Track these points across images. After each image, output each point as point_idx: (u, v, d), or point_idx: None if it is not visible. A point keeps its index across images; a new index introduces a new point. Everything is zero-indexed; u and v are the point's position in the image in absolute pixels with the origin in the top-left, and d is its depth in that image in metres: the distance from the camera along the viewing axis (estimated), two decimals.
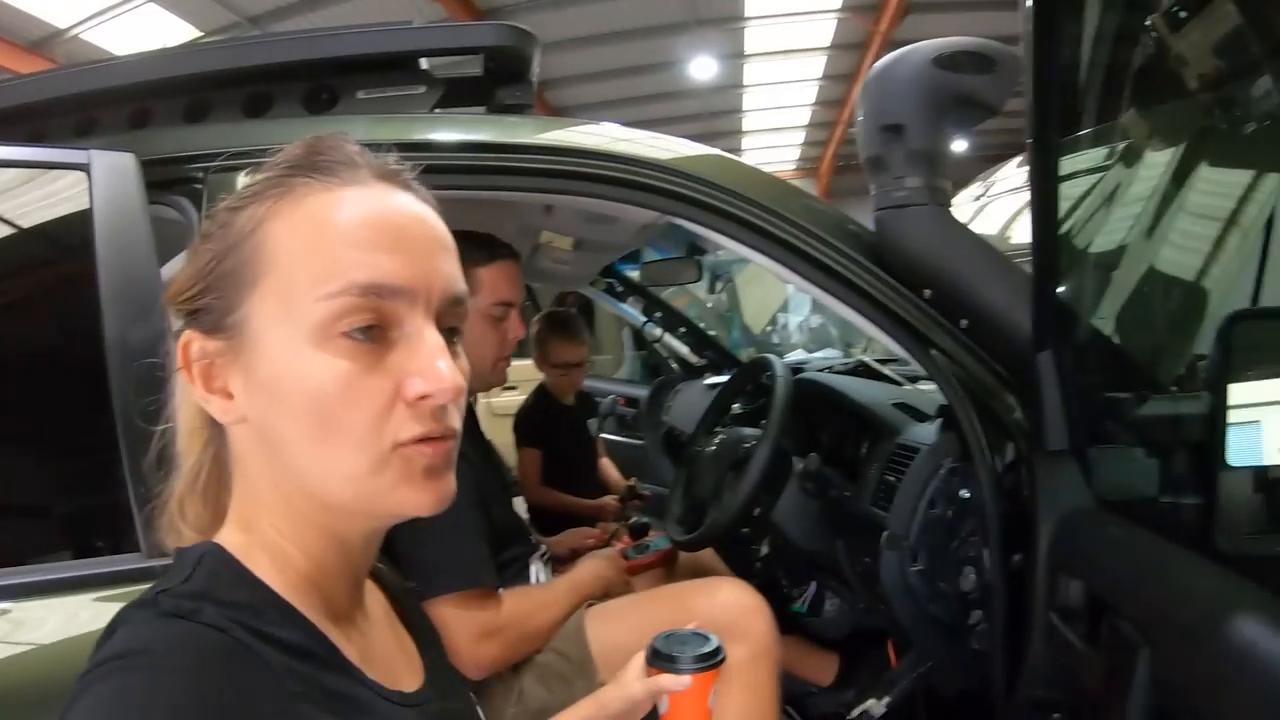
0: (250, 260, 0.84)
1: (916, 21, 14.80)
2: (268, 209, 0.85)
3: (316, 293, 0.81)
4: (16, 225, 1.81)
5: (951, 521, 1.90)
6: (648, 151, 1.96)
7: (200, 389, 0.87)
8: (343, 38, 2.10)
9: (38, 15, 12.59)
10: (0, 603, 1.54)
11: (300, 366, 0.82)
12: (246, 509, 0.90)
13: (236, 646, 0.76)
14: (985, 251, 1.83)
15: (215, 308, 0.86)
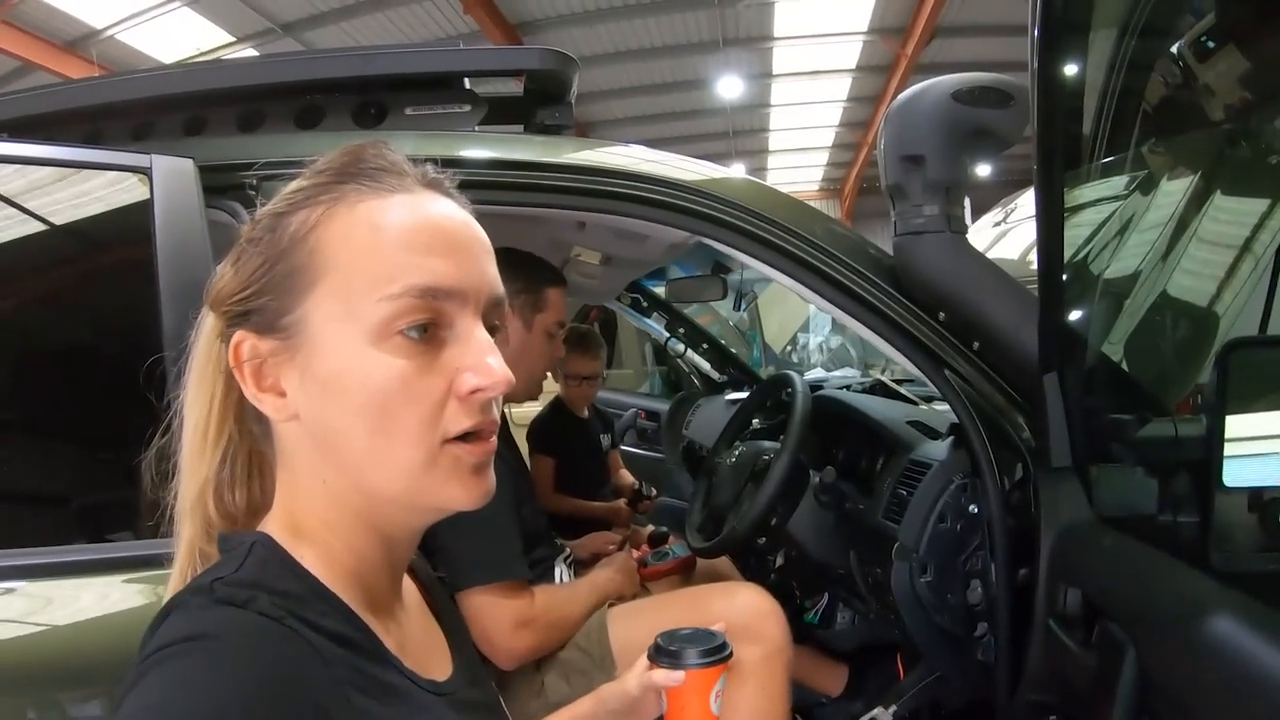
0: (306, 263, 0.88)
1: (942, 45, 14.83)
2: (320, 214, 0.89)
3: (377, 294, 0.85)
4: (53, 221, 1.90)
5: (960, 535, 1.96)
6: (678, 173, 2.03)
7: (252, 387, 0.90)
8: (395, 56, 2.20)
9: (75, 15, 12.75)
10: (83, 577, 1.63)
11: (360, 364, 0.86)
12: (292, 502, 0.94)
13: (291, 634, 0.78)
14: (997, 277, 1.91)
15: (269, 309, 0.89)
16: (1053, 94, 1.44)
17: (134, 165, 1.74)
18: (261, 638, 0.77)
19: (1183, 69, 1.76)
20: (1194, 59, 1.74)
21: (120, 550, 1.70)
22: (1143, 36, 1.70)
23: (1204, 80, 1.76)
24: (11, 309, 1.93)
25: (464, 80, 2.18)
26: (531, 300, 2.45)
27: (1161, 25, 1.71)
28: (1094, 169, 1.84)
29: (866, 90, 17.72)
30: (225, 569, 0.85)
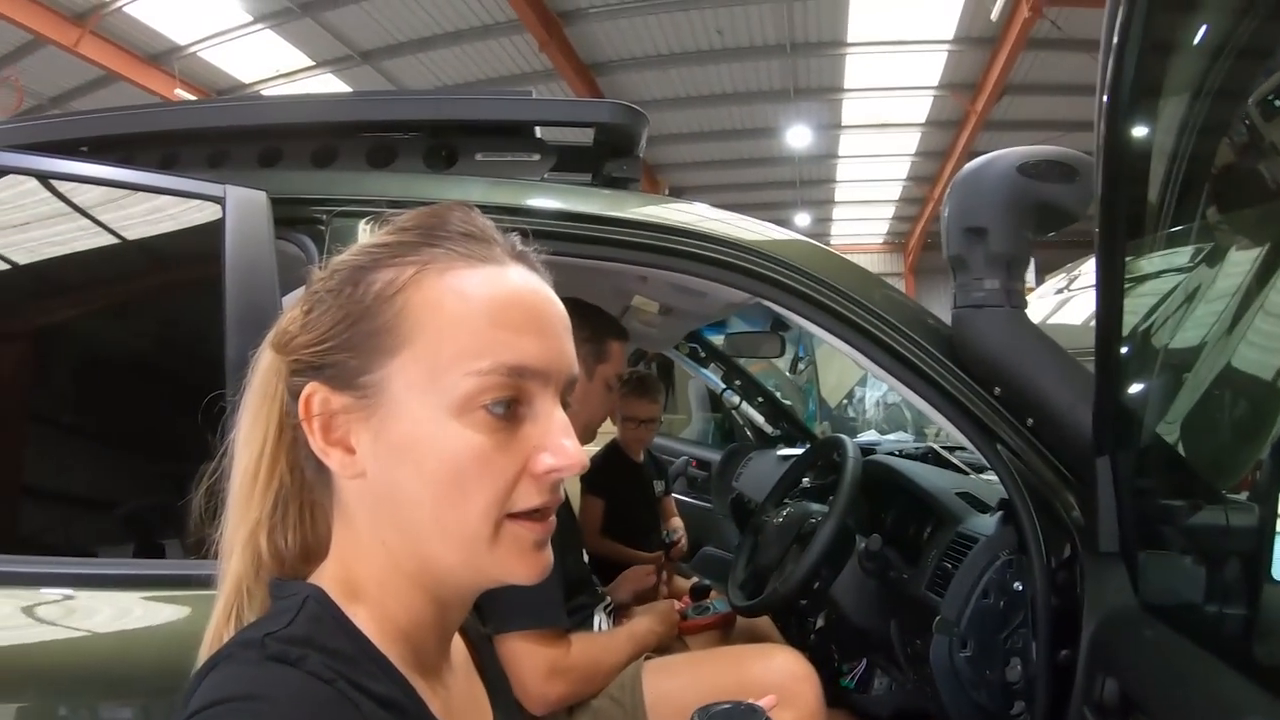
0: (392, 326, 0.87)
1: (1013, 102, 14.86)
2: (410, 277, 0.88)
3: (465, 368, 0.85)
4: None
5: (1003, 612, 1.94)
6: (739, 233, 2.05)
7: (320, 440, 0.89)
8: (468, 102, 2.23)
9: (160, 30, 13.13)
10: (133, 591, 1.66)
11: (440, 435, 0.85)
12: (349, 557, 0.93)
13: (340, 699, 0.78)
14: (1055, 354, 1.89)
15: (348, 366, 0.88)
16: (1119, 162, 1.42)
17: (210, 195, 1.79)
18: (311, 704, 0.77)
19: (1250, 129, 1.72)
20: (1261, 119, 1.70)
21: (166, 567, 1.74)
22: (1214, 99, 1.66)
23: (1271, 141, 1.72)
24: (79, 318, 1.99)
25: (534, 129, 2.21)
26: (595, 350, 2.48)
27: (1234, 87, 1.67)
28: (1158, 239, 1.81)
29: (935, 145, 17.73)
30: (277, 623, 0.84)
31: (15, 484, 1.89)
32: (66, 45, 12.62)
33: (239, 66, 14.53)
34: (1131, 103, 1.38)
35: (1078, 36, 12.06)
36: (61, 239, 1.94)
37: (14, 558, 1.70)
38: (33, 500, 1.92)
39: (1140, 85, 1.37)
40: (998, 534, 2.04)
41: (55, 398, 1.97)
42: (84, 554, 1.82)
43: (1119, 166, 1.42)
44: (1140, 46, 1.32)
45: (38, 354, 1.96)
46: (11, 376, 1.93)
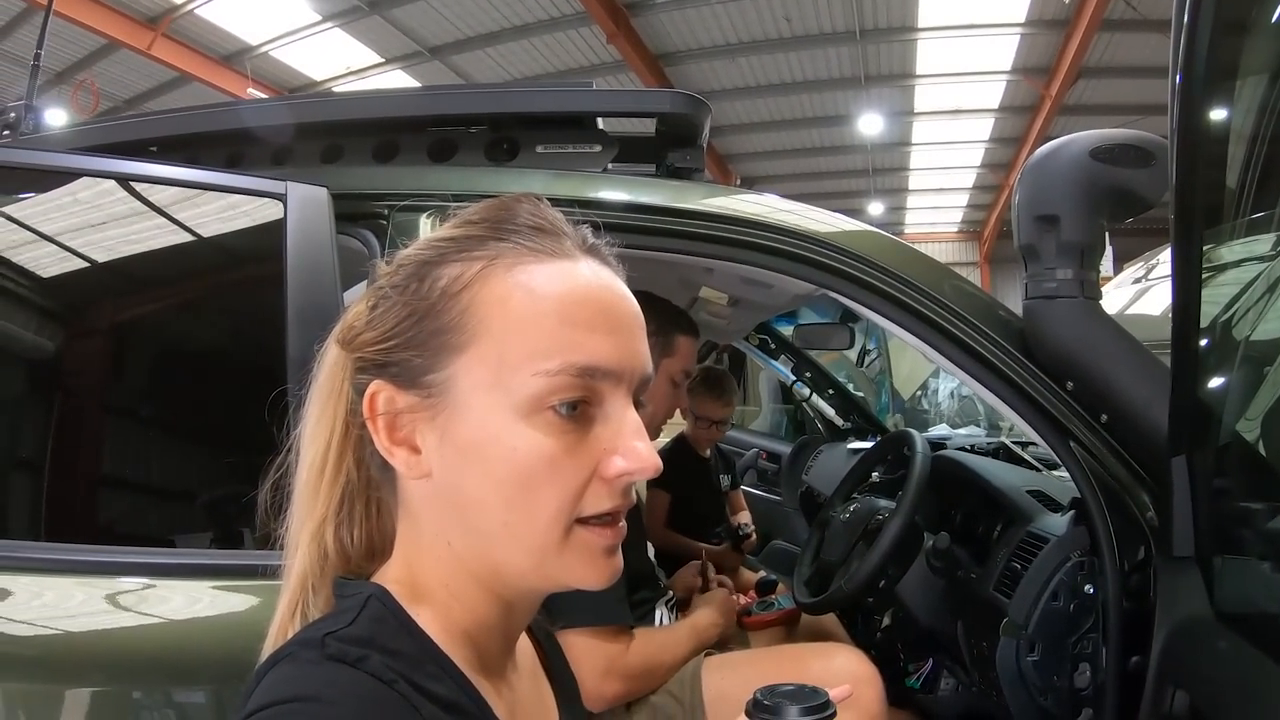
0: (458, 323, 0.85)
1: (1088, 86, 14.66)
2: (476, 273, 0.86)
3: (533, 368, 0.82)
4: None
5: (1072, 616, 1.89)
6: (806, 224, 2.02)
7: (384, 440, 0.87)
8: (529, 95, 2.24)
9: (232, 31, 13.48)
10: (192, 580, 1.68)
11: (508, 437, 0.83)
12: (413, 557, 0.91)
13: (399, 701, 0.77)
14: (1130, 347, 1.82)
15: (413, 364, 0.86)
16: (1194, 146, 1.36)
17: (271, 191, 1.81)
18: (371, 706, 0.76)
19: None
20: None
21: (233, 558, 1.74)
22: None
23: None
24: (148, 315, 2.03)
25: (596, 120, 2.19)
26: (661, 344, 2.46)
27: None
28: (1238, 226, 1.73)
29: (1009, 131, 17.50)
30: (338, 622, 0.82)
31: (91, 477, 1.93)
32: (140, 48, 13.00)
33: (310, 65, 14.79)
34: (1207, 84, 1.31)
35: (1154, 17, 11.86)
36: (131, 238, 1.98)
37: (94, 548, 1.73)
38: (106, 492, 1.97)
39: (1215, 65, 1.30)
40: (1069, 534, 1.98)
41: (124, 392, 2.01)
42: (158, 544, 1.85)
43: (1195, 151, 1.36)
44: (1214, 24, 1.25)
45: (109, 349, 2.00)
46: (86, 371, 1.97)
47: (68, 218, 1.94)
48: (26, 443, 1.94)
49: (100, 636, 1.66)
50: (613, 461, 0.86)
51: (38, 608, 1.64)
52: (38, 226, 1.93)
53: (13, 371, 1.98)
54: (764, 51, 14.56)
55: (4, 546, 1.73)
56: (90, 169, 1.91)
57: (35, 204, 1.96)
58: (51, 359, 1.97)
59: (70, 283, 1.95)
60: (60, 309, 2.00)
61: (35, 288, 1.93)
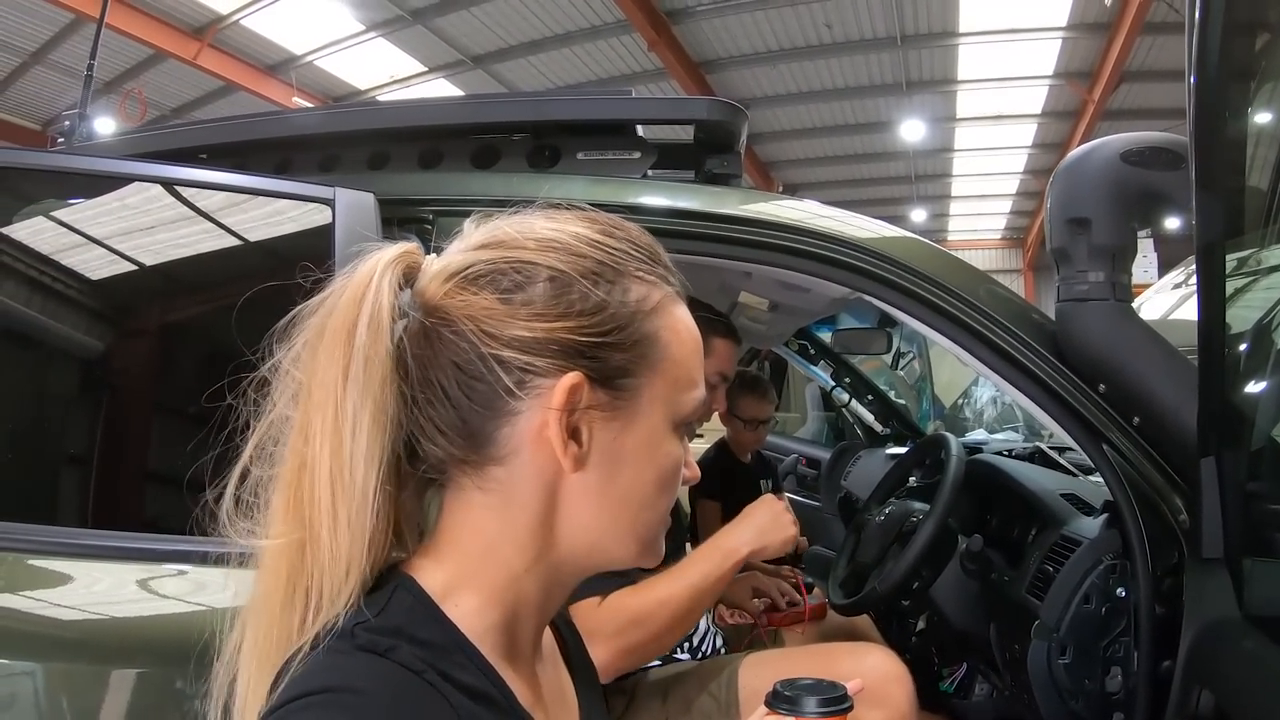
0: (652, 341, 0.93)
1: (1131, 90, 14.46)
2: (659, 301, 0.95)
3: (691, 394, 0.97)
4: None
5: (1104, 619, 1.89)
6: (842, 229, 2.04)
7: (563, 429, 0.88)
8: (569, 103, 2.28)
9: (276, 41, 13.71)
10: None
11: (666, 446, 0.95)
12: (476, 547, 0.92)
13: (428, 690, 0.79)
14: (1163, 350, 1.83)
15: (614, 364, 0.90)
16: (1214, 147, 1.37)
17: (319, 197, 1.85)
18: (401, 695, 0.78)
19: None
20: None
21: None
22: None
23: None
24: (201, 315, 2.09)
25: (635, 127, 2.22)
26: None
27: None
28: (1271, 230, 1.72)
29: (1053, 137, 17.30)
30: (367, 613, 0.84)
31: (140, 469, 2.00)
32: (186, 58, 13.27)
33: (354, 73, 14.94)
34: (1223, 84, 1.32)
35: None
36: (188, 240, 2.03)
37: (139, 535, 1.78)
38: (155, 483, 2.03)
39: (1229, 65, 1.31)
40: (1101, 537, 1.98)
41: (179, 389, 2.05)
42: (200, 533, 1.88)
43: (1215, 152, 1.37)
44: (1224, 22, 1.26)
45: (163, 348, 2.06)
46: (140, 369, 2.03)
47: (127, 221, 1.99)
48: (89, 437, 1.99)
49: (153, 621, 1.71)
50: (684, 472, 0.99)
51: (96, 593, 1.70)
52: (97, 230, 1.98)
53: (72, 368, 2.05)
54: (805, 58, 14.51)
55: (70, 534, 1.79)
56: (150, 175, 1.95)
57: (93, 208, 2.02)
58: (109, 357, 2.02)
59: (126, 283, 2.01)
60: (118, 309, 2.06)
61: (93, 289, 1.97)
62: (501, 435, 0.89)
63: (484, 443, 0.90)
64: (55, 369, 2.04)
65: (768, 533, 2.16)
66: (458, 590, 0.90)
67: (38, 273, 1.95)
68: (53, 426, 2.00)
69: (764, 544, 2.15)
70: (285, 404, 0.93)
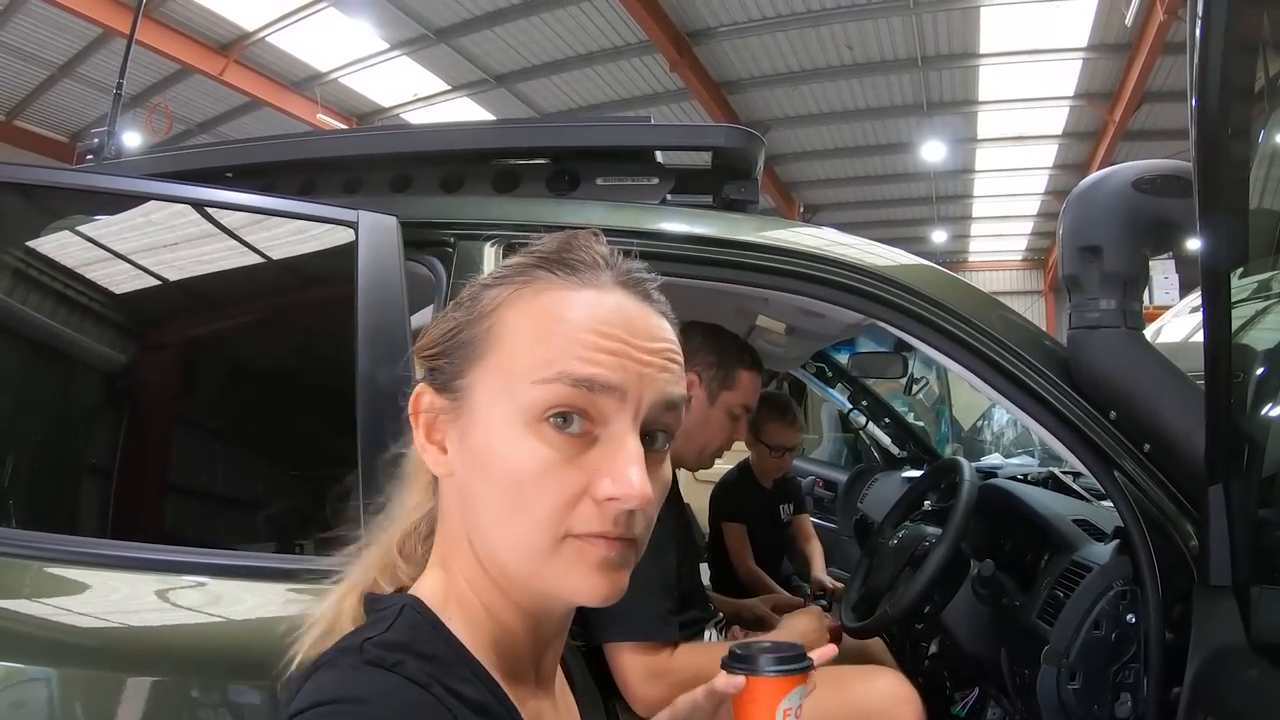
0: (484, 335, 0.92)
1: (1152, 111, 14.34)
2: (510, 294, 0.93)
3: (533, 376, 0.87)
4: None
5: (1114, 645, 1.90)
6: (857, 256, 2.05)
7: (421, 437, 0.96)
8: (589, 129, 2.31)
9: (303, 58, 13.79)
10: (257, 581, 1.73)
11: (507, 444, 0.88)
12: (445, 558, 0.97)
13: (434, 703, 0.81)
14: (1174, 377, 1.84)
15: (448, 370, 0.94)
16: (1219, 169, 1.38)
17: (343, 220, 1.87)
18: (409, 708, 0.80)
19: None
20: None
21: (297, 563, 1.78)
22: None
23: None
24: (225, 332, 2.11)
25: (654, 153, 2.24)
26: (721, 376, 2.52)
27: None
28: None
29: (1074, 157, 17.26)
30: (374, 629, 0.87)
31: (163, 483, 2.00)
32: (212, 74, 13.37)
33: (378, 91, 15.01)
34: (1224, 106, 1.31)
35: None
36: (215, 260, 2.05)
37: (160, 547, 1.79)
38: (179, 498, 2.04)
39: (1231, 87, 1.31)
40: (1112, 563, 1.99)
41: (204, 405, 2.09)
42: (225, 547, 1.89)
43: (1218, 176, 1.38)
44: (1225, 42, 1.25)
45: (188, 365, 2.08)
46: (165, 385, 2.05)
47: (155, 239, 2.03)
48: (113, 450, 1.99)
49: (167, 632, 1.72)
50: (603, 484, 0.87)
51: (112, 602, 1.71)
52: (125, 248, 2.01)
53: (94, 381, 2.07)
54: (826, 79, 14.50)
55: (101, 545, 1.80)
56: (174, 194, 1.98)
57: (120, 224, 2.05)
58: (131, 372, 2.04)
59: (151, 300, 2.03)
60: (141, 324, 2.08)
61: (117, 304, 2.00)
62: (411, 453, 1.00)
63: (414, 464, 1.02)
64: (78, 382, 2.06)
65: (811, 647, 2.28)
66: (448, 605, 0.94)
67: (64, 287, 1.98)
68: (73, 439, 2.02)
69: None
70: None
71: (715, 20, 12.85)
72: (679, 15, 12.65)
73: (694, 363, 2.48)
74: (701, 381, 2.49)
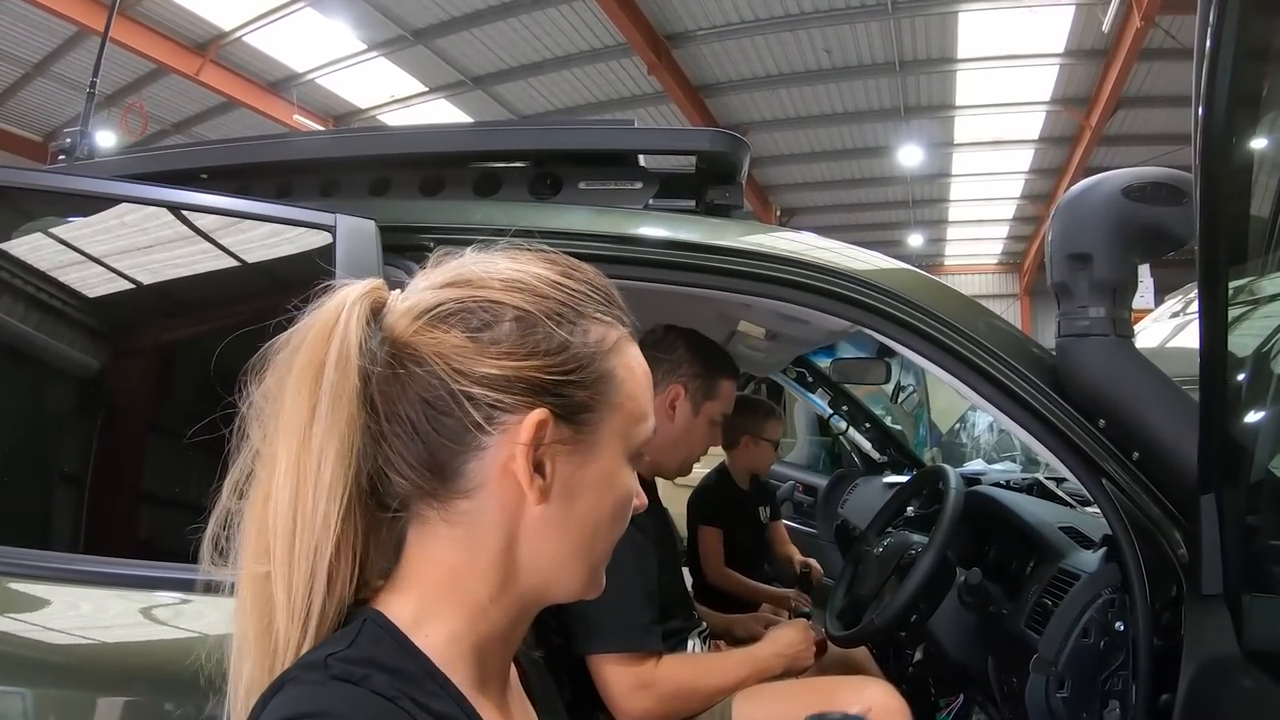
0: (608, 378, 0.96)
1: (1128, 116, 14.52)
2: (615, 341, 0.98)
3: (641, 425, 0.99)
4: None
5: (1102, 653, 1.89)
6: (842, 261, 2.04)
7: (527, 464, 0.91)
8: (572, 132, 2.28)
9: (279, 59, 13.76)
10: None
11: (620, 475, 0.98)
12: (442, 578, 0.94)
13: (403, 716, 0.81)
14: (1162, 385, 1.83)
15: (577, 400, 0.94)
16: (1218, 178, 1.37)
17: (321, 224, 1.84)
18: (378, 719, 0.80)
19: None
20: None
21: None
22: None
23: None
24: (194, 337, 2.07)
25: (637, 157, 2.22)
26: (705, 386, 2.52)
27: None
28: (1270, 259, 1.72)
29: (1050, 162, 17.40)
30: (338, 645, 0.86)
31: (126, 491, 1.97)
32: (188, 74, 13.33)
33: (355, 92, 14.99)
34: (1230, 113, 1.32)
35: (1193, 45, 11.68)
36: (185, 263, 2.02)
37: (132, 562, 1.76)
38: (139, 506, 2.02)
39: (1239, 94, 1.32)
40: (1100, 571, 1.99)
41: (166, 412, 2.06)
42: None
43: (1219, 182, 1.37)
44: (1236, 50, 1.27)
45: (155, 371, 2.05)
46: (129, 391, 2.02)
47: (122, 241, 1.99)
48: (68, 458, 1.99)
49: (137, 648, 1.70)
50: (636, 501, 1.01)
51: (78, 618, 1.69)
52: (92, 250, 1.97)
53: (59, 389, 2.03)
54: (804, 83, 14.56)
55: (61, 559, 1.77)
56: (154, 199, 1.95)
57: (90, 227, 2.01)
58: (94, 378, 2.00)
59: (118, 305, 2.00)
60: (109, 331, 2.04)
61: (85, 309, 1.97)
62: (469, 469, 0.92)
63: (450, 476, 0.92)
64: (43, 387, 2.03)
65: (797, 659, 2.40)
66: (426, 622, 0.92)
67: (34, 289, 1.95)
68: (37, 447, 1.98)
69: (791, 666, 2.38)
70: (258, 438, 0.94)
71: (694, 23, 12.89)
72: (657, 18, 12.69)
73: (679, 374, 2.49)
74: (687, 393, 2.49)
